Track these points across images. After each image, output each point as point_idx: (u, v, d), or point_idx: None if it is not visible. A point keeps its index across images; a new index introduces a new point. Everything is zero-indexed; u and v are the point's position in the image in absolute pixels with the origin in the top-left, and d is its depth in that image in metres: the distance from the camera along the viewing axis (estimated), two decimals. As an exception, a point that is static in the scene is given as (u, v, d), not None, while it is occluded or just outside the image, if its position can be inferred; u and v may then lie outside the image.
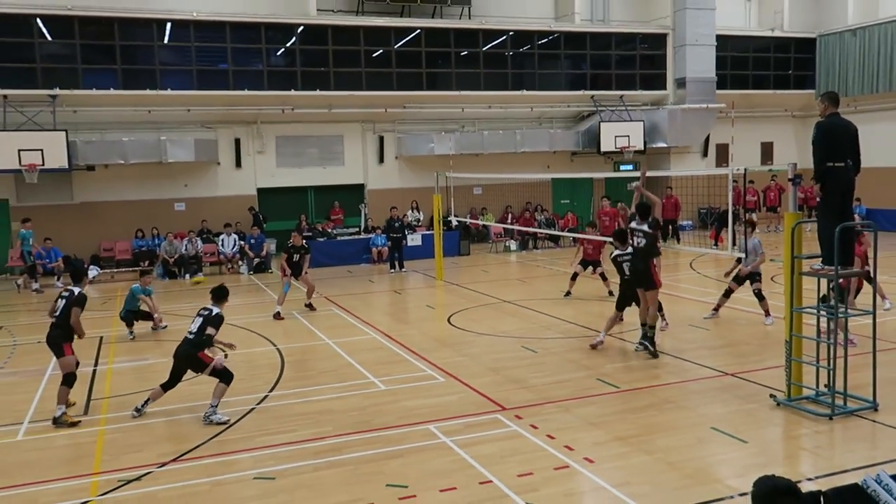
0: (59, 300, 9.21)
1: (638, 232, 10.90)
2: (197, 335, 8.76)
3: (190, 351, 8.74)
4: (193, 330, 8.84)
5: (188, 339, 8.84)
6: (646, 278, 10.79)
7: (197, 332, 8.77)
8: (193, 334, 8.81)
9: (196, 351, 8.72)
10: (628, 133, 25.76)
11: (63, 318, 9.03)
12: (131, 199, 22.70)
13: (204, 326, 8.76)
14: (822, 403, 8.24)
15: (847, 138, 8.08)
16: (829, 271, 8.05)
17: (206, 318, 8.84)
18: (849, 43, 27.69)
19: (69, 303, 9.08)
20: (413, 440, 7.77)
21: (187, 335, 8.90)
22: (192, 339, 8.81)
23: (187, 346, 8.80)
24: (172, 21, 21.74)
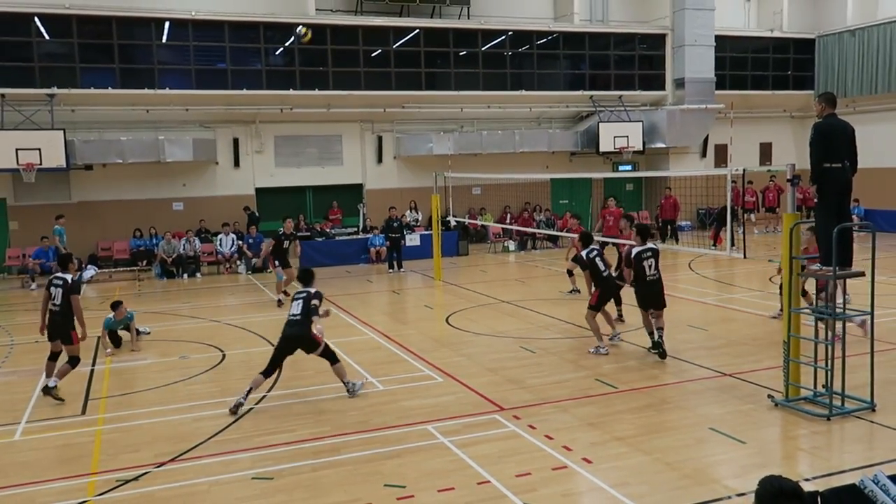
0: (53, 288, 9.43)
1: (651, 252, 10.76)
2: (303, 315, 9.05)
3: (301, 332, 9.04)
4: (297, 312, 9.13)
5: (295, 321, 9.10)
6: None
7: (302, 313, 9.07)
8: (298, 315, 9.09)
9: (307, 332, 9.03)
10: (627, 133, 25.76)
11: (64, 306, 9.31)
12: (129, 198, 22.69)
13: (308, 301, 9.10)
14: (819, 404, 8.24)
15: (844, 139, 8.07)
16: (826, 272, 8.05)
17: (306, 296, 9.20)
18: (848, 43, 27.71)
19: (66, 291, 9.34)
20: (411, 440, 7.77)
21: (291, 317, 9.17)
22: (299, 318, 9.08)
23: (297, 328, 9.06)
24: (171, 20, 21.72)
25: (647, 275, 10.60)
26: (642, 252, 10.63)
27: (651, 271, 10.61)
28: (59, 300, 9.35)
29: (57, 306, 9.37)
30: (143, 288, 19.54)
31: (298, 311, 9.17)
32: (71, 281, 9.47)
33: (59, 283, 9.42)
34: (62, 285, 9.37)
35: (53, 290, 9.40)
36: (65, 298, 9.34)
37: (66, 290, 9.34)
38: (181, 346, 12.46)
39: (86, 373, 10.76)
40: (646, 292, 10.67)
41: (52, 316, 9.44)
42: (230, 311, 15.66)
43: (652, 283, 10.63)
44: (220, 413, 8.83)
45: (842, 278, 8.09)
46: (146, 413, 9.01)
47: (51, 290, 9.44)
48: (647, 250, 10.64)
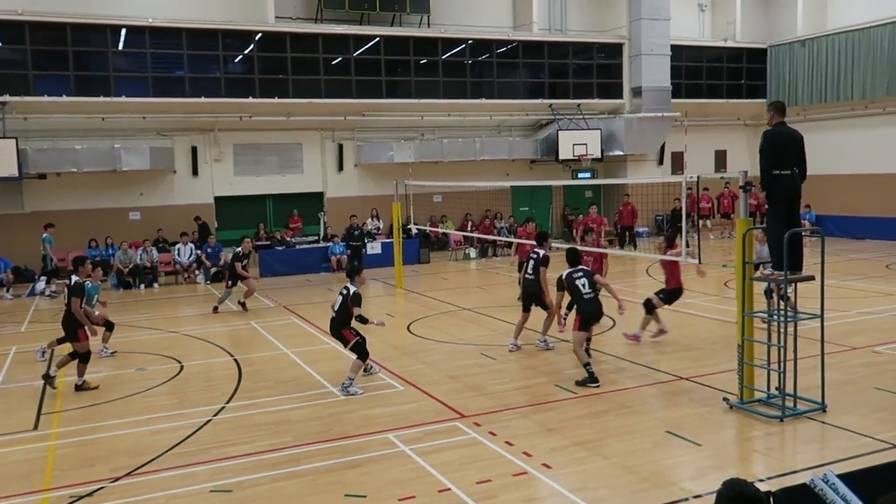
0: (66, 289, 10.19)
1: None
2: (338, 313, 9.96)
3: (335, 327, 9.99)
4: (336, 307, 10.04)
5: (332, 318, 10.06)
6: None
7: (339, 311, 9.96)
8: (336, 312, 10.01)
9: (340, 328, 9.91)
10: (586, 141, 26.07)
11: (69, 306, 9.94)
12: (84, 208, 22.25)
13: (346, 305, 9.87)
14: (773, 406, 8.42)
15: (793, 147, 8.29)
16: (778, 276, 8.25)
17: (346, 294, 9.95)
18: (798, 54, 28.45)
19: (68, 293, 10.04)
20: (372, 449, 7.75)
21: (333, 314, 10.10)
22: (335, 316, 10.00)
23: (333, 323, 10.05)
24: (127, 27, 21.42)
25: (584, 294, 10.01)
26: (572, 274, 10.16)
27: (586, 290, 10.03)
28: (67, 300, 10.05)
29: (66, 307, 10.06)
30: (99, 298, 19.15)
31: (337, 307, 10.05)
32: (73, 283, 10.08)
33: (69, 283, 10.13)
34: (68, 286, 10.09)
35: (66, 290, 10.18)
36: (68, 299, 10.01)
37: (67, 292, 10.02)
38: (138, 358, 12.26)
39: (38, 387, 10.51)
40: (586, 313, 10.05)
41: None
42: (188, 322, 15.45)
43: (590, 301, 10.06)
44: (178, 425, 8.70)
45: (793, 282, 8.29)
46: (102, 427, 8.84)
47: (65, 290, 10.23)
48: (576, 271, 10.19)
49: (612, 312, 14.44)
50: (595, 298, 10.14)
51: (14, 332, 14.98)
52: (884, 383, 9.29)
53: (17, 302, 18.92)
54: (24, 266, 21.05)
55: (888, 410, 8.36)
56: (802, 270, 8.46)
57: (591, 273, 10.30)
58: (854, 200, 26.27)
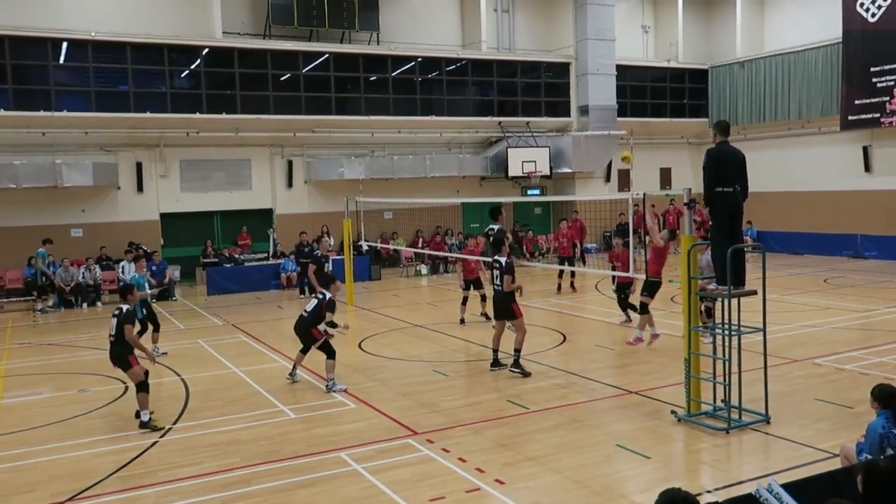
0: (113, 319, 9.60)
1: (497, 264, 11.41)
2: (310, 315, 10.58)
3: (305, 326, 10.61)
4: (309, 309, 10.67)
5: (302, 317, 10.73)
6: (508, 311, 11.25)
7: (310, 313, 10.59)
8: (307, 313, 10.63)
9: (310, 328, 10.57)
10: (535, 159, 26.39)
11: (119, 334, 9.43)
12: (23, 224, 21.52)
13: (320, 309, 10.54)
14: (719, 418, 8.61)
15: (735, 165, 8.55)
16: (722, 291, 8.46)
17: (320, 301, 10.64)
18: (738, 74, 29.34)
19: (120, 321, 9.46)
20: (324, 468, 7.66)
21: (303, 313, 10.78)
22: (305, 317, 10.65)
23: (304, 322, 10.68)
24: (69, 40, 20.92)
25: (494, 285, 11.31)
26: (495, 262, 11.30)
27: (497, 282, 11.22)
28: (115, 329, 9.49)
29: (114, 335, 9.51)
30: (40, 319, 18.60)
31: (310, 309, 10.70)
32: (125, 310, 9.58)
33: (117, 312, 9.59)
34: (118, 314, 9.54)
35: (113, 320, 9.59)
36: (119, 327, 9.43)
37: (119, 320, 9.45)
38: (80, 379, 11.91)
39: (-26, 410, 10.14)
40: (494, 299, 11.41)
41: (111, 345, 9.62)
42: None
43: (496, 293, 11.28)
44: (122, 447, 8.48)
45: (736, 297, 8.51)
46: (42, 450, 8.55)
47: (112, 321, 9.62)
48: (496, 260, 11.30)
49: (563, 327, 14.64)
50: (500, 292, 11.18)
51: (-52, 354, 14.42)
52: (823, 394, 9.57)
53: (-49, 322, 18.22)
54: (-42, 285, 20.29)
55: (828, 421, 8.62)
56: (745, 285, 8.69)
57: (505, 270, 11.10)
58: (793, 217, 27.11)
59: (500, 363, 11.40)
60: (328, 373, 10.55)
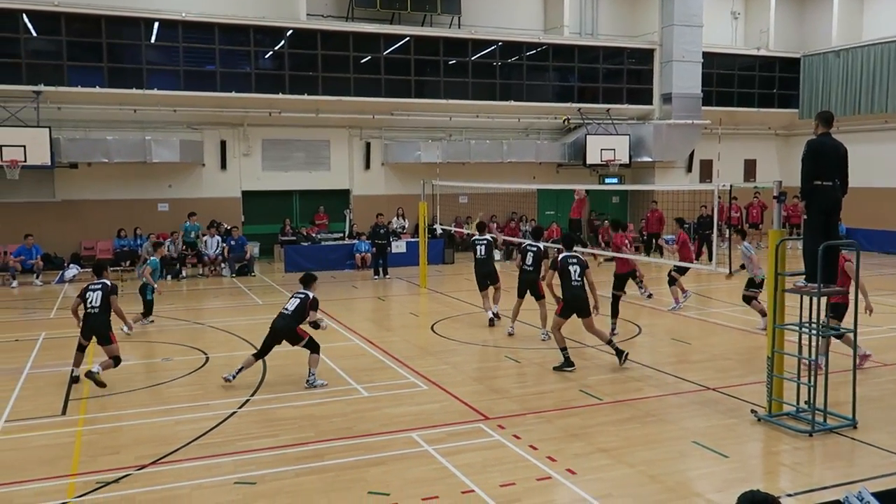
0: (89, 293, 10.18)
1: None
2: (294, 313, 9.92)
3: (288, 325, 9.90)
4: (290, 308, 9.98)
5: (286, 315, 9.96)
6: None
7: (295, 311, 9.93)
8: (290, 311, 9.95)
9: (294, 327, 9.91)
10: (614, 146, 25.92)
11: (104, 305, 10.10)
12: (114, 198, 22.50)
13: (303, 308, 9.93)
14: (802, 420, 8.31)
15: (836, 158, 8.18)
16: (811, 289, 8.13)
17: (304, 298, 10.01)
18: (832, 64, 28.07)
19: (105, 293, 10.16)
20: (395, 448, 7.74)
21: (284, 311, 10.03)
22: (289, 314, 9.94)
23: (285, 321, 9.93)
24: (160, 21, 21.63)
25: (573, 280, 10.72)
26: (568, 258, 10.91)
27: (576, 277, 10.72)
28: (100, 302, 10.11)
29: (97, 307, 10.09)
30: (126, 288, 19.38)
31: (292, 308, 9.98)
32: (111, 284, 10.36)
33: (98, 286, 10.24)
34: (101, 287, 10.20)
35: (90, 294, 10.16)
36: (104, 300, 10.10)
37: (105, 293, 10.14)
38: (164, 349, 12.37)
39: (66, 373, 10.64)
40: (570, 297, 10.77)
41: (91, 317, 10.12)
42: (213, 314, 15.57)
43: (577, 288, 10.70)
44: (202, 416, 8.77)
45: (826, 295, 8.17)
46: (127, 415, 8.92)
47: (87, 295, 10.19)
48: (571, 256, 10.94)
49: (638, 319, 14.39)
50: (582, 286, 10.71)
51: (43, 319, 15.19)
52: (915, 401, 9.13)
53: (47, 289, 19.19)
54: (53, 253, 21.33)
55: (920, 429, 8.21)
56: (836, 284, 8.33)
57: (584, 263, 10.87)
58: (886, 214, 25.86)
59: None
60: (312, 366, 9.97)
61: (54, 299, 17.44)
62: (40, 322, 14.78)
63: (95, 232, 22.13)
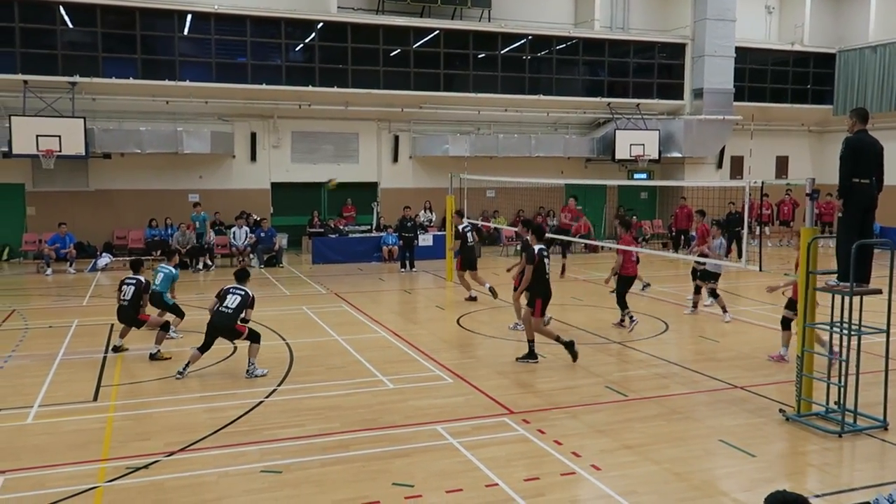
0: (124, 287, 11.08)
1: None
2: (235, 311, 9.94)
3: (228, 323, 9.94)
4: (231, 306, 9.96)
5: (226, 314, 9.94)
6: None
7: (235, 309, 9.94)
8: (231, 310, 9.93)
9: (233, 324, 9.96)
10: (643, 142, 25.72)
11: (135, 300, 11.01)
12: (146, 188, 22.83)
13: (243, 305, 10.00)
14: (831, 420, 8.20)
15: (874, 155, 8.06)
16: (844, 288, 8.01)
17: (244, 296, 10.06)
18: (869, 59, 27.55)
19: (138, 290, 11.03)
20: (420, 440, 7.78)
21: (224, 309, 9.98)
22: (230, 313, 9.93)
23: (226, 319, 9.94)
24: (193, 13, 21.87)
25: (546, 273, 10.64)
26: (543, 250, 10.71)
27: (548, 269, 10.72)
28: (131, 296, 11.02)
29: (128, 300, 11.01)
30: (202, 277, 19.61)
31: (233, 306, 9.99)
32: (145, 281, 11.19)
33: (133, 282, 11.12)
34: (136, 283, 11.07)
35: (126, 287, 11.05)
36: (136, 294, 11.02)
37: (138, 289, 11.04)
38: (193, 338, 12.49)
39: (98, 360, 10.84)
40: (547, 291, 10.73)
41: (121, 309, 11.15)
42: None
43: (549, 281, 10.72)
44: (230, 405, 8.88)
45: (859, 295, 8.05)
46: (157, 402, 9.07)
47: (122, 289, 11.10)
48: (545, 249, 10.75)
49: (666, 316, 14.28)
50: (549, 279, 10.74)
51: (76, 306, 15.46)
52: (949, 404, 8.94)
53: (80, 276, 19.53)
54: (86, 242, 21.70)
55: (953, 432, 8.06)
56: (870, 283, 8.20)
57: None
58: (921, 213, 25.34)
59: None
60: (252, 356, 10.06)
61: (87, 287, 17.74)
62: (73, 309, 15.05)
63: (127, 221, 22.48)
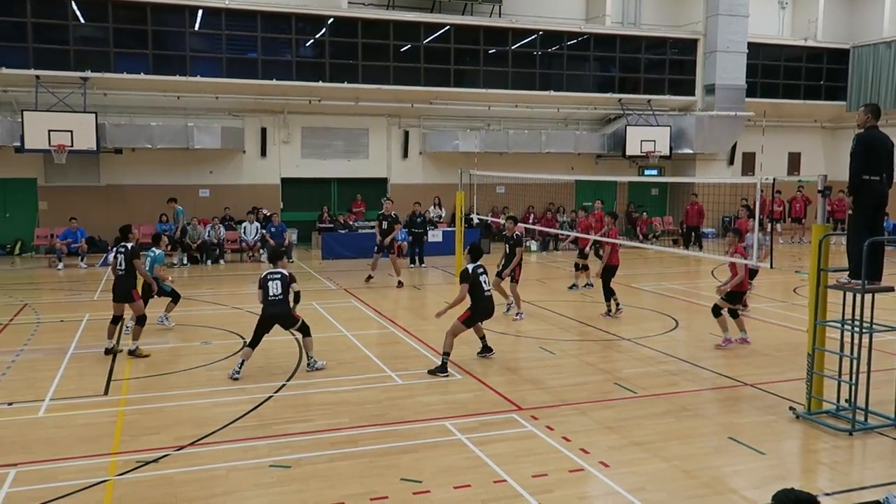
0: (118, 255, 10.90)
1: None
2: (284, 295, 9.85)
3: (283, 310, 9.87)
4: (278, 292, 9.84)
5: (277, 300, 9.83)
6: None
7: (283, 293, 9.85)
8: (280, 295, 9.84)
9: (288, 310, 9.93)
10: (654, 138, 25.61)
11: (129, 267, 10.85)
12: (157, 183, 22.92)
13: (287, 283, 9.89)
14: (842, 418, 8.15)
15: (885, 151, 8.00)
16: (855, 285, 7.96)
17: (282, 277, 9.91)
18: (883, 55, 27.33)
19: (127, 256, 10.81)
20: (428, 436, 7.79)
21: (273, 298, 9.83)
22: (280, 300, 9.84)
23: (279, 307, 9.85)
24: (204, 8, 21.93)
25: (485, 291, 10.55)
26: (477, 268, 10.58)
27: (487, 287, 10.61)
28: (123, 265, 10.83)
29: (122, 270, 10.84)
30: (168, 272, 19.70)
31: (279, 291, 9.86)
32: (130, 247, 10.93)
33: (122, 250, 10.91)
34: (124, 252, 10.86)
35: (118, 256, 10.86)
36: (127, 263, 10.80)
37: (126, 256, 10.80)
38: (203, 332, 12.58)
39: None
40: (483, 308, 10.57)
41: (117, 280, 10.94)
42: (252, 299, 15.67)
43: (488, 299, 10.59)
44: (239, 399, 8.91)
45: (871, 292, 7.99)
46: (167, 396, 9.12)
47: (116, 258, 10.90)
48: (479, 267, 10.62)
49: (676, 313, 14.23)
50: (491, 296, 10.65)
51: (87, 300, 15.56)
52: (961, 402, 8.87)
53: (91, 271, 19.63)
54: (98, 237, 21.82)
55: (965, 431, 8.00)
56: (881, 281, 8.14)
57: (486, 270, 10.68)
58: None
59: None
60: (309, 349, 10.13)
61: (98, 282, 17.83)
62: (84, 304, 15.14)
63: (138, 216, 22.46)
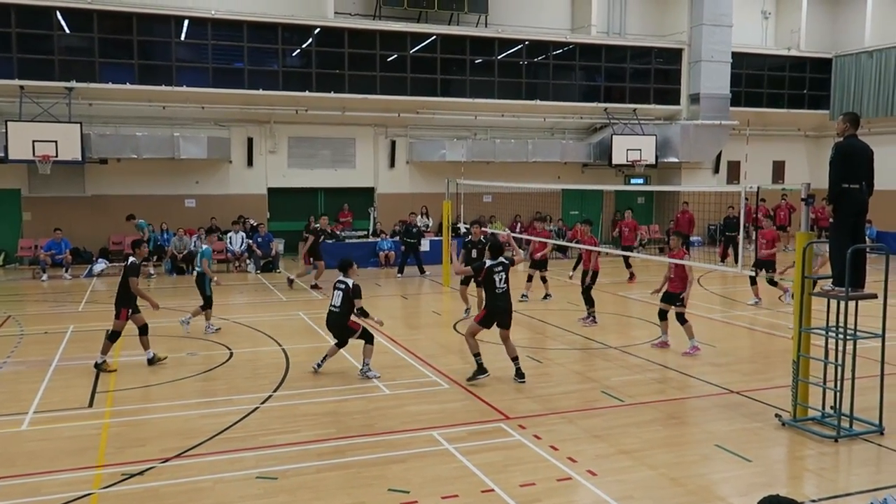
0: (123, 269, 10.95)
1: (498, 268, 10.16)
2: (342, 306, 10.09)
3: (340, 322, 10.17)
4: (337, 304, 10.15)
5: (335, 312, 10.20)
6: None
7: (341, 304, 10.10)
8: (338, 307, 10.13)
9: (345, 321, 10.17)
10: (640, 147, 25.77)
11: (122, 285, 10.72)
12: (142, 193, 22.82)
13: (348, 295, 10.05)
14: (827, 425, 8.20)
15: (864, 160, 8.08)
16: (839, 292, 8.02)
17: (345, 289, 10.10)
18: (865, 65, 27.65)
19: (125, 272, 10.75)
20: (416, 446, 7.77)
21: (332, 308, 10.26)
22: (338, 311, 10.15)
23: (337, 318, 10.21)
24: (190, 18, 21.90)
25: (497, 287, 10.02)
26: (494, 266, 10.08)
27: (500, 284, 10.04)
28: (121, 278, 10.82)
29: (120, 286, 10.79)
30: (153, 283, 19.62)
31: (339, 302, 10.15)
32: (129, 262, 10.79)
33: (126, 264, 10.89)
34: (125, 265, 10.86)
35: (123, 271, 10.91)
36: (123, 279, 10.77)
37: (124, 271, 10.79)
38: (189, 343, 12.51)
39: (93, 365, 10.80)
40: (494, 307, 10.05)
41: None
42: (238, 310, 15.71)
43: (501, 295, 10.04)
44: (226, 411, 8.86)
45: (854, 299, 8.06)
46: (153, 408, 9.05)
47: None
48: (498, 264, 10.10)
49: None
50: (505, 295, 10.05)
51: (72, 312, 15.43)
52: (945, 408, 8.95)
53: (76, 282, 19.49)
54: (82, 248, 21.68)
55: (949, 436, 8.06)
56: (864, 287, 8.21)
57: (508, 267, 10.19)
58: (918, 218, 25.44)
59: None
60: (367, 357, 10.22)
61: (83, 293, 17.71)
62: (69, 315, 15.02)
63: (124, 227, 22.37)
